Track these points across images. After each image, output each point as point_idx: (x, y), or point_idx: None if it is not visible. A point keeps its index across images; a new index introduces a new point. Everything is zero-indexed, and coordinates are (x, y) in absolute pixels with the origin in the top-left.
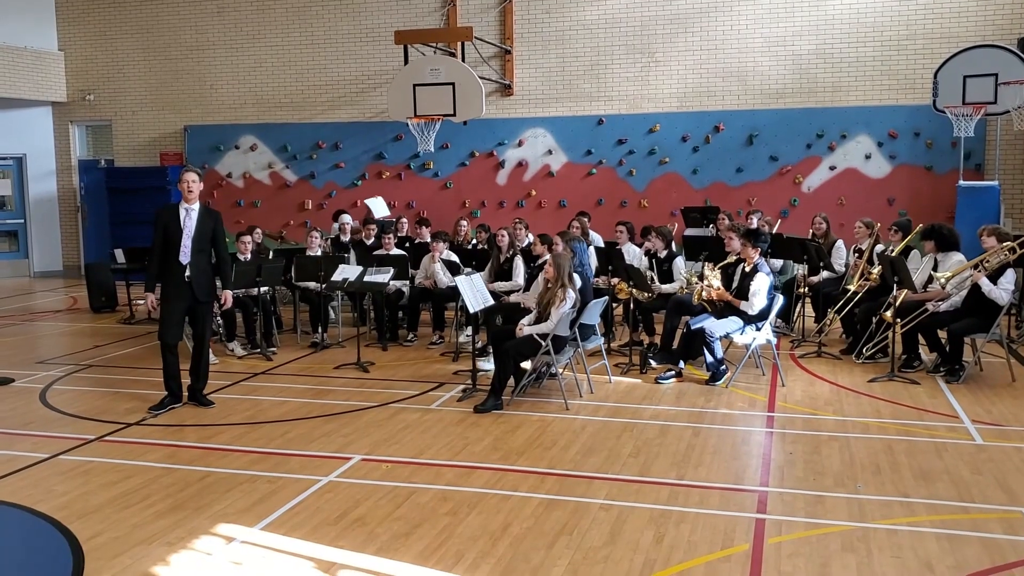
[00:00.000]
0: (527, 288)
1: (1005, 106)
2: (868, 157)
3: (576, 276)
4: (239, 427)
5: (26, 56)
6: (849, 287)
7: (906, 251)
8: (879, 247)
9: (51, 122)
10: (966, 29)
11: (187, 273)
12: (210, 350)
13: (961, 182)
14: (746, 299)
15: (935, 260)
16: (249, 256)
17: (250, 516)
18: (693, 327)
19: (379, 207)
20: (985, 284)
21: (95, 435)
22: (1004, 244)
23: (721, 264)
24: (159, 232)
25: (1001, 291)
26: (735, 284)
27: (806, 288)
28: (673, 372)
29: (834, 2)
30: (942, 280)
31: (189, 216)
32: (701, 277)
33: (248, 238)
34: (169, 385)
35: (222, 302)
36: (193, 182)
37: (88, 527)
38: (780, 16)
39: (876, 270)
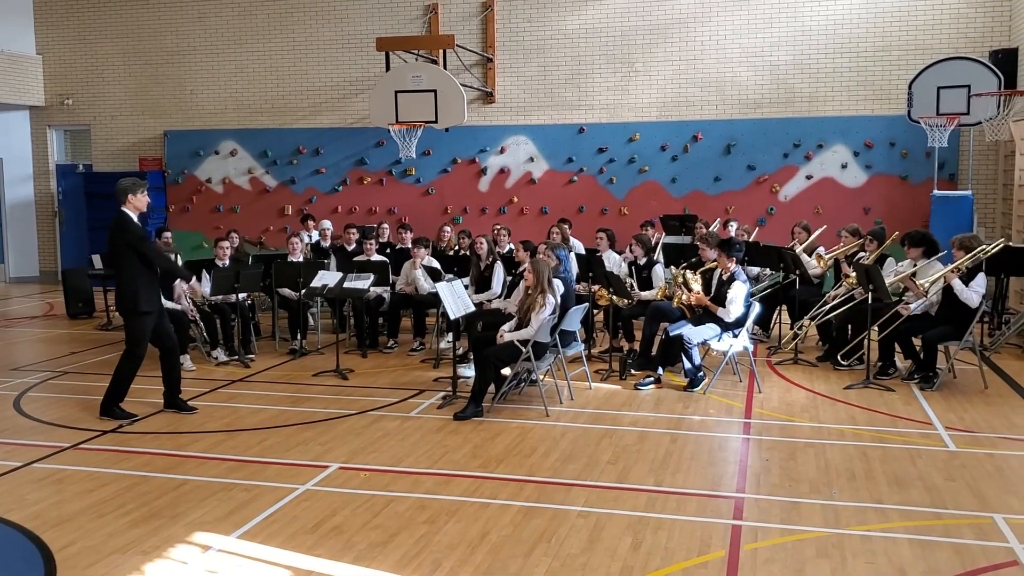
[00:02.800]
0: (508, 295)
1: (977, 117)
2: (844, 167)
3: (558, 282)
4: (216, 435)
5: (3, 59)
6: (826, 289)
7: (880, 259)
8: (862, 255)
9: (28, 126)
10: (940, 42)
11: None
12: (188, 357)
13: (935, 191)
14: (723, 306)
15: (915, 265)
16: (228, 262)
17: (226, 524)
18: (671, 334)
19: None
20: (957, 284)
21: (70, 443)
22: (972, 254)
23: (702, 269)
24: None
25: (972, 293)
26: (712, 291)
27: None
28: (652, 378)
29: (811, 14)
30: (926, 285)
31: None
32: (685, 280)
33: (226, 243)
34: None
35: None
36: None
37: (61, 536)
38: (758, 27)
39: (853, 276)
